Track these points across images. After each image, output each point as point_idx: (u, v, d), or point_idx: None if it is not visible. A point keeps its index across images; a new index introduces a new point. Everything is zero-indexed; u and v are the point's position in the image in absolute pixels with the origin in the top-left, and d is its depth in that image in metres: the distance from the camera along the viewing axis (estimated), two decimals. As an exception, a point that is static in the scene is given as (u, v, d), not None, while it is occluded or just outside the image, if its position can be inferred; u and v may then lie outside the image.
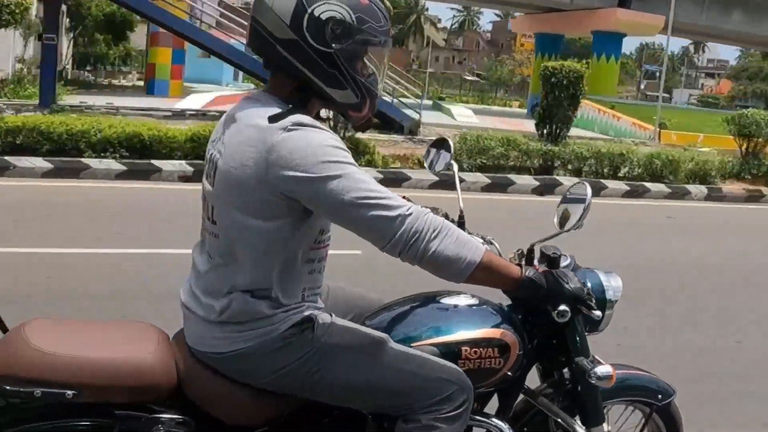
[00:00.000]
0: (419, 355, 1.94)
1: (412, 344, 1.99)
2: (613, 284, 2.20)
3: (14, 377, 1.73)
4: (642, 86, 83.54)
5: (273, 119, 1.75)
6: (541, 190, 11.65)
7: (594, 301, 2.01)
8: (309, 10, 1.78)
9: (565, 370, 2.22)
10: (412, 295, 2.24)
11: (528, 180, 11.93)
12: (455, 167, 2.50)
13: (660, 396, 2.40)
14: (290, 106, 1.80)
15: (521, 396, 2.24)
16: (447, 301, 2.16)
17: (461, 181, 2.69)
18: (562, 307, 1.98)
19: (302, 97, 1.85)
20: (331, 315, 1.92)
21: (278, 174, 1.72)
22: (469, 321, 2.09)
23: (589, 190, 2.07)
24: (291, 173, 1.71)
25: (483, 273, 1.82)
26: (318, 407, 1.96)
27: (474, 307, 2.14)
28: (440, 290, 2.24)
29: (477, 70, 79.08)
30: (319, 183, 1.71)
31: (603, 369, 2.03)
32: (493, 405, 2.19)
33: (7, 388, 1.72)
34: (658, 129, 22.37)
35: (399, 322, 2.09)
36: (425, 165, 2.59)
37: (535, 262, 2.13)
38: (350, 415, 2.00)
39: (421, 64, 75.92)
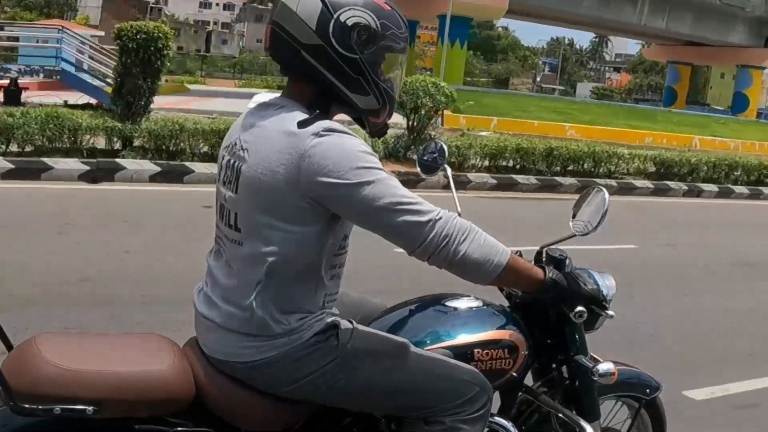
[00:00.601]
0: (441, 358, 1.97)
1: (425, 348, 2.01)
2: (607, 283, 2.26)
3: (33, 395, 1.66)
4: (538, 79, 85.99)
5: (302, 124, 1.74)
6: (94, 176, 9.47)
7: (608, 301, 2.08)
8: (335, 16, 1.78)
9: (563, 367, 2.27)
10: (413, 299, 2.26)
11: (76, 165, 9.55)
12: (449, 171, 2.52)
13: (648, 390, 2.49)
14: (317, 111, 1.80)
15: (521, 394, 2.28)
16: (451, 303, 2.19)
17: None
18: (580, 308, 2.04)
19: (324, 103, 1.84)
20: (351, 321, 1.93)
21: (311, 180, 1.71)
22: (477, 323, 2.13)
23: (607, 195, 2.13)
24: (324, 179, 1.71)
25: (509, 275, 1.86)
26: (331, 413, 1.96)
27: (478, 309, 2.18)
28: (442, 293, 2.27)
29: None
30: (353, 189, 1.71)
31: (605, 366, 2.10)
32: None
33: (26, 406, 1.65)
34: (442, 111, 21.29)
35: (406, 327, 2.10)
36: (419, 170, 2.59)
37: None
38: (363, 419, 2.01)
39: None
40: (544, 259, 2.20)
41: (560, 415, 2.22)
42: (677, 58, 53.90)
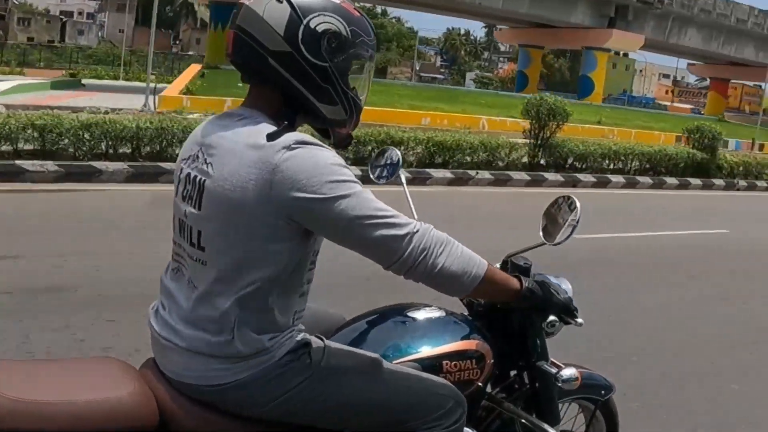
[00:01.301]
0: (414, 373, 1.94)
1: (393, 362, 1.98)
2: (566, 288, 2.24)
3: None
4: (417, 67, 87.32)
5: (271, 137, 1.67)
6: None
7: (577, 310, 2.08)
8: (304, 21, 1.71)
9: (524, 373, 2.27)
10: (374, 311, 2.22)
11: None
12: (404, 178, 2.49)
13: (603, 392, 2.52)
14: (285, 122, 1.73)
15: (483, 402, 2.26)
16: (414, 314, 2.16)
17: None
18: (552, 318, 2.06)
19: (291, 113, 1.77)
20: (321, 338, 1.88)
21: (284, 195, 1.65)
22: (442, 334, 2.10)
23: (578, 204, 2.12)
24: (298, 194, 1.64)
25: (487, 286, 1.83)
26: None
27: (441, 319, 2.16)
28: (403, 303, 2.24)
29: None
30: (328, 203, 1.65)
31: (569, 372, 2.11)
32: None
33: None
34: (154, 96, 20.37)
35: (369, 340, 2.06)
36: (371, 176, 2.54)
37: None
38: None
39: (184, 46, 73.59)
40: (509, 267, 2.18)
41: (523, 421, 2.22)
42: (527, 41, 53.55)
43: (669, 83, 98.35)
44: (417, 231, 1.72)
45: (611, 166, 15.95)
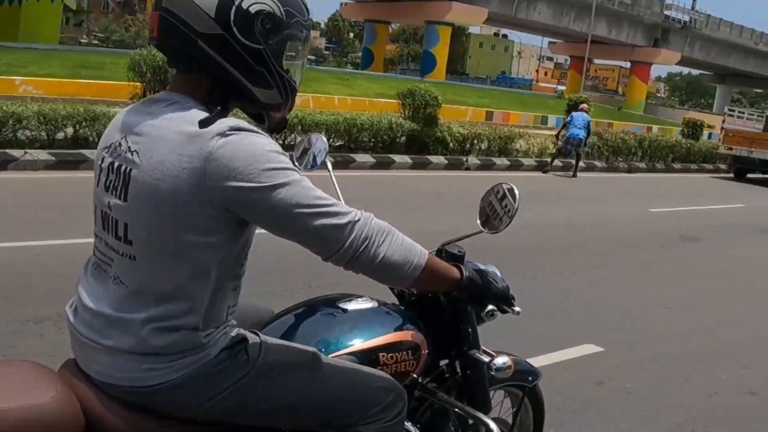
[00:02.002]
0: (353, 366, 1.89)
1: (329, 356, 1.92)
2: (497, 274, 2.22)
3: None
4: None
5: (204, 123, 1.58)
6: None
7: (514, 298, 2.07)
8: (236, 3, 1.62)
9: (456, 362, 2.26)
10: (303, 302, 2.16)
11: None
12: (330, 165, 2.43)
13: (530, 378, 2.54)
14: (218, 108, 1.64)
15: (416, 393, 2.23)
16: (345, 305, 2.11)
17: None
18: (491, 307, 2.02)
19: (222, 97, 1.69)
20: (257, 333, 1.81)
21: (218, 185, 1.56)
22: (376, 325, 2.06)
23: (517, 191, 2.11)
24: (234, 183, 1.56)
25: (428, 276, 1.79)
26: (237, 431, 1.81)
27: (374, 310, 2.12)
28: (333, 294, 2.19)
29: (100, 33, 72.19)
30: (266, 192, 1.58)
31: (501, 360, 2.09)
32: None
33: None
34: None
35: (300, 333, 2.00)
36: (295, 163, 2.45)
37: None
38: None
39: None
40: (444, 256, 2.15)
41: (457, 410, 2.21)
42: (372, 16, 51.90)
43: (552, 66, 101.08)
44: (358, 220, 1.67)
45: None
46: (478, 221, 2.18)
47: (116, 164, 1.66)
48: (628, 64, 61.31)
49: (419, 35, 79.08)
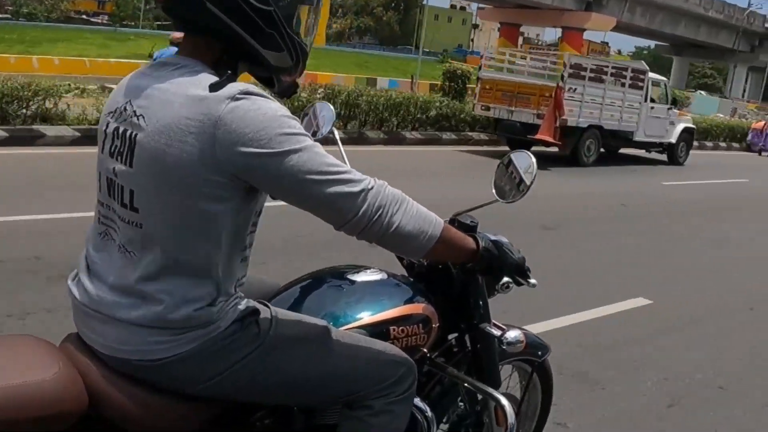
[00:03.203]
0: (364, 339, 1.84)
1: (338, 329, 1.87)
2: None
3: None
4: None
5: (214, 87, 1.52)
6: None
7: (530, 270, 2.01)
8: None
9: (465, 337, 2.20)
10: (311, 274, 2.11)
11: None
12: (337, 134, 2.35)
13: (540, 353, 2.49)
14: (228, 72, 1.58)
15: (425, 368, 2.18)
16: (354, 277, 2.05)
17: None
18: (506, 279, 1.96)
19: (232, 61, 1.63)
20: (267, 305, 1.76)
21: (228, 150, 1.50)
22: (386, 298, 2.01)
23: (533, 159, 2.05)
24: (245, 149, 1.50)
25: (443, 247, 1.73)
26: (241, 407, 1.77)
27: (383, 282, 2.06)
28: (341, 265, 2.13)
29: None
30: (277, 158, 1.52)
31: (513, 334, 2.03)
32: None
33: None
34: None
35: (308, 306, 1.95)
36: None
37: None
38: (276, 412, 1.83)
39: None
40: (456, 226, 2.05)
41: (467, 385, 2.16)
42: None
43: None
44: (372, 188, 1.61)
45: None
46: (494, 190, 2.12)
47: (121, 129, 1.60)
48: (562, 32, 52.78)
49: (370, 7, 77.90)
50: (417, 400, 2.03)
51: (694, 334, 5.09)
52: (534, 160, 2.05)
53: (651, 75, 16.62)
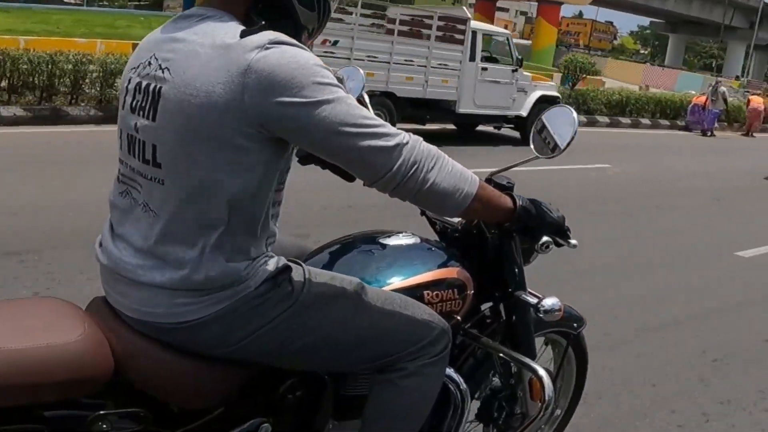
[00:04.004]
0: (400, 297, 1.78)
1: None
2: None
3: None
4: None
5: (244, 35, 1.45)
6: None
7: (570, 230, 1.92)
8: None
9: (500, 305, 2.11)
10: (343, 238, 2.04)
11: None
12: (367, 98, 2.21)
13: (576, 325, 2.39)
14: (263, 22, 1.51)
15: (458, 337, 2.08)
16: (387, 241, 1.98)
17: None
18: (546, 239, 1.87)
19: (262, 14, 1.55)
20: (299, 262, 1.69)
21: (258, 99, 1.43)
22: (418, 262, 1.94)
23: (575, 114, 1.94)
24: (275, 98, 1.43)
25: (479, 205, 1.66)
26: (270, 375, 1.69)
27: (416, 246, 1.99)
28: (373, 230, 2.07)
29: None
30: (309, 109, 1.44)
31: (551, 302, 1.94)
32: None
33: None
34: None
35: (342, 271, 1.84)
36: None
37: None
38: (307, 379, 1.76)
39: None
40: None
41: (502, 355, 2.07)
42: None
43: (506, 16, 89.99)
44: (407, 143, 1.54)
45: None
46: (532, 146, 2.01)
47: (144, 83, 1.53)
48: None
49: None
50: (451, 372, 1.95)
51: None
52: (575, 114, 1.94)
53: (480, 26, 12.84)
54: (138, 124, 1.53)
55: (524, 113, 12.65)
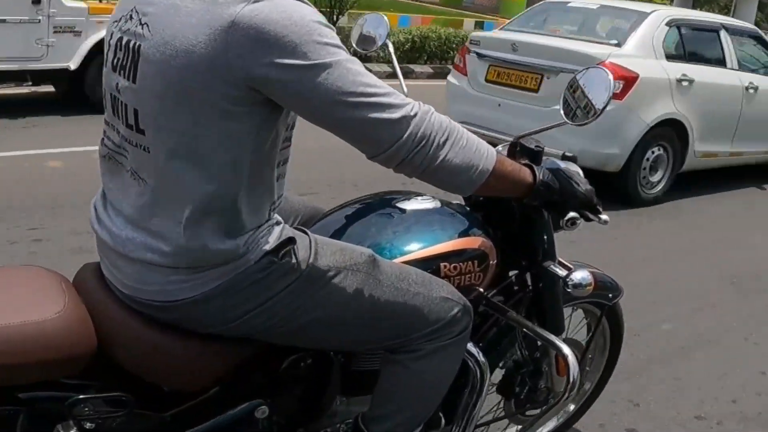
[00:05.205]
0: (416, 272, 1.63)
1: None
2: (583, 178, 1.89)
3: None
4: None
5: None
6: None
7: (600, 204, 1.74)
8: None
9: (526, 275, 1.97)
10: (356, 200, 1.88)
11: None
12: (392, 47, 2.06)
13: (611, 295, 2.23)
14: None
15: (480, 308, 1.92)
16: (403, 204, 1.81)
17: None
18: (572, 215, 1.70)
19: None
20: (305, 231, 1.55)
21: (244, 59, 1.26)
22: (438, 229, 1.78)
23: (611, 76, 1.72)
24: (263, 59, 1.26)
25: (495, 181, 1.50)
26: (271, 351, 1.57)
27: (436, 211, 1.82)
28: (390, 191, 1.90)
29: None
30: (303, 72, 1.27)
31: (580, 275, 1.78)
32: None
33: None
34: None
35: (353, 237, 1.72)
36: (353, 43, 2.12)
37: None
38: (312, 356, 1.63)
39: None
40: (518, 150, 1.80)
41: (525, 330, 1.91)
42: None
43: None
44: (415, 115, 1.37)
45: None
46: (562, 111, 1.81)
47: (125, 39, 1.38)
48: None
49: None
50: (469, 345, 1.80)
51: None
52: (611, 77, 1.73)
53: None
54: (119, 84, 1.39)
55: (73, 65, 6.94)
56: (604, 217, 1.73)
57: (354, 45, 2.13)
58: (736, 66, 6.46)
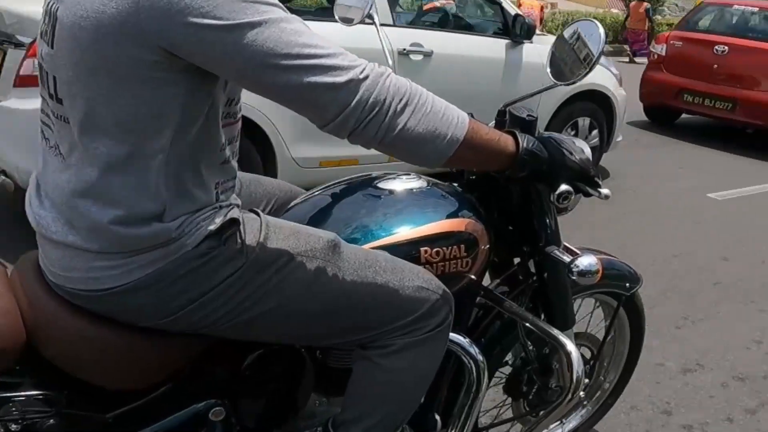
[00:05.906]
0: (385, 258, 1.45)
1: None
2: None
3: None
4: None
5: None
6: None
7: (599, 176, 1.53)
8: None
9: (529, 262, 1.79)
10: (337, 182, 1.72)
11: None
12: (376, 18, 1.90)
13: (628, 284, 2.03)
14: None
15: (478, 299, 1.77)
16: (386, 185, 1.65)
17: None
18: (564, 188, 1.48)
19: None
20: (257, 212, 1.40)
21: (157, 21, 1.12)
22: (422, 211, 1.60)
23: (601, 30, 1.56)
24: (180, 19, 1.11)
25: (469, 152, 1.31)
26: (231, 346, 1.42)
27: (422, 191, 1.65)
28: (374, 172, 1.74)
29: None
30: (226, 34, 1.12)
31: (586, 261, 1.57)
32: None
33: None
34: None
35: (328, 219, 1.58)
36: (335, 12, 1.97)
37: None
38: (276, 352, 1.49)
39: None
40: (507, 120, 1.62)
41: (527, 324, 1.73)
42: None
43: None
44: (365, 77, 1.19)
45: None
46: (548, 70, 1.65)
47: (50, 4, 1.26)
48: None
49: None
50: (464, 341, 1.65)
51: None
52: (602, 31, 1.56)
53: None
54: (43, 51, 1.27)
55: None
56: (604, 191, 1.51)
57: (336, 15, 1.98)
58: None
